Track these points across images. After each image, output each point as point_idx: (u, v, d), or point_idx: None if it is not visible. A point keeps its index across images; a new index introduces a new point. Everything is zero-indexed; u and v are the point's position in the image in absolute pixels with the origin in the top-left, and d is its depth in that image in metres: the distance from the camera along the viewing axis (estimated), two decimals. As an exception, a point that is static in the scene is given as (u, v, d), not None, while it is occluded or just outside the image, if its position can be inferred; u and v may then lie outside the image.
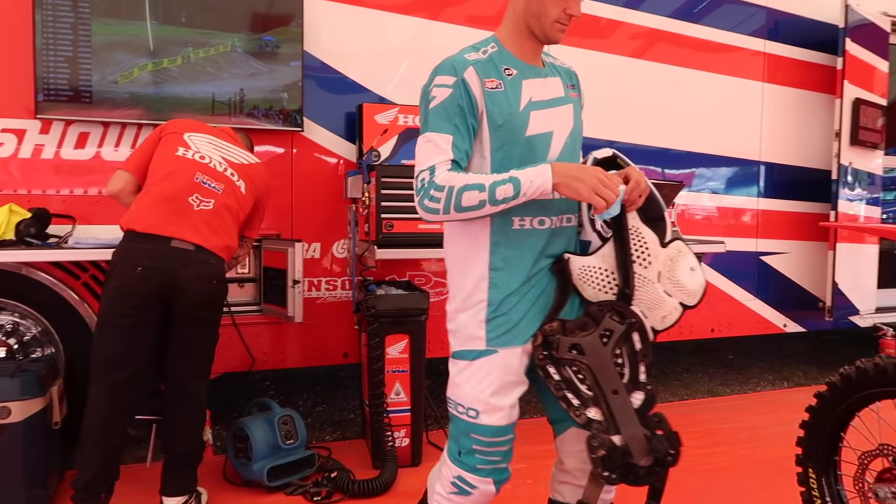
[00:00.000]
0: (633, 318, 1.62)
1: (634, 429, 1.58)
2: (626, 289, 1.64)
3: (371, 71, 3.56)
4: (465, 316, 1.67)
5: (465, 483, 1.68)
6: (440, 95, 1.59)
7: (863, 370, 1.96)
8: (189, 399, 2.50)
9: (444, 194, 1.53)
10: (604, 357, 1.60)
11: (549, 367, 1.62)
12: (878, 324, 4.68)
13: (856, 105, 4.48)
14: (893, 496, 1.86)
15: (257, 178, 2.70)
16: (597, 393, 1.60)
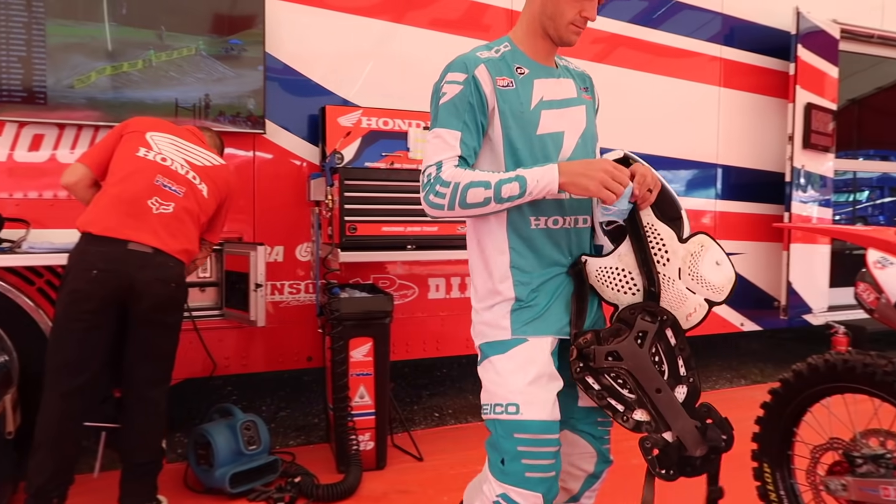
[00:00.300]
0: (664, 315, 1.60)
1: (684, 422, 1.56)
2: (652, 287, 1.61)
3: (334, 73, 3.55)
4: (489, 313, 1.65)
5: (510, 501, 1.55)
6: (450, 92, 1.58)
7: (814, 367, 2.02)
8: (147, 405, 2.45)
9: (449, 190, 1.52)
10: (642, 358, 1.58)
11: (588, 379, 1.59)
12: (831, 322, 4.82)
13: (807, 109, 4.62)
14: (843, 488, 1.92)
15: (220, 181, 2.66)
16: (640, 395, 1.58)
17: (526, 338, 1.60)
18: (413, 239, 3.21)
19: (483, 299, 1.67)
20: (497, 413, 1.58)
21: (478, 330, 1.69)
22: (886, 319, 1.82)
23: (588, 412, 1.74)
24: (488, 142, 1.62)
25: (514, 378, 1.57)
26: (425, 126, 3.52)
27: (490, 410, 1.60)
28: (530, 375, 1.57)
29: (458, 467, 3.13)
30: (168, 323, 2.47)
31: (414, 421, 3.92)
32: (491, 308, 1.65)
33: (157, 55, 3.12)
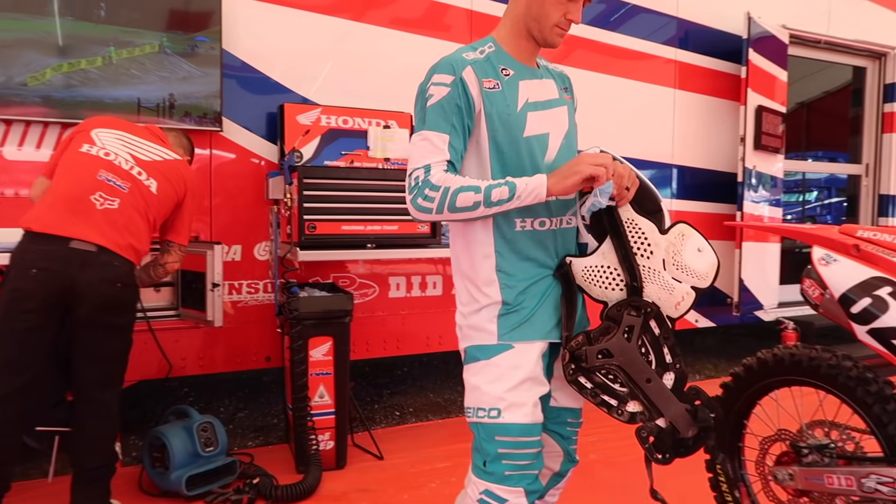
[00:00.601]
0: (647, 307, 1.64)
1: (676, 407, 1.62)
2: (634, 282, 1.64)
3: (293, 71, 3.52)
4: (475, 317, 1.65)
5: (493, 497, 1.59)
6: (438, 94, 1.56)
7: (763, 361, 2.09)
8: (96, 408, 2.38)
9: (438, 194, 1.52)
10: (631, 352, 1.62)
11: (581, 379, 1.63)
12: (781, 318, 4.97)
13: (758, 112, 4.75)
14: (790, 478, 1.98)
15: (175, 177, 2.59)
16: (631, 387, 1.62)
17: (512, 344, 1.61)
18: (373, 238, 3.20)
19: (468, 303, 1.67)
20: (480, 417, 1.61)
21: (464, 333, 1.69)
22: (830, 314, 1.89)
23: (559, 412, 1.77)
24: (474, 144, 1.62)
25: (498, 384, 1.59)
26: (385, 125, 3.52)
27: (473, 414, 1.63)
28: (514, 381, 1.59)
29: (418, 465, 3.14)
30: (116, 324, 2.39)
31: (374, 420, 3.91)
32: (477, 312, 1.64)
33: (118, 52, 3.04)
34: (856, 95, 5.96)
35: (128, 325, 2.46)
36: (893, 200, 5.68)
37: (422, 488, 2.88)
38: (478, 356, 1.63)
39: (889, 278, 1.75)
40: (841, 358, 1.89)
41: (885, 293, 1.74)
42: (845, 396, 1.88)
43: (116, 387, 2.46)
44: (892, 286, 1.74)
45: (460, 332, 1.71)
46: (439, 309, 3.89)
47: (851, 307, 1.79)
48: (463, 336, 1.70)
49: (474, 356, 1.65)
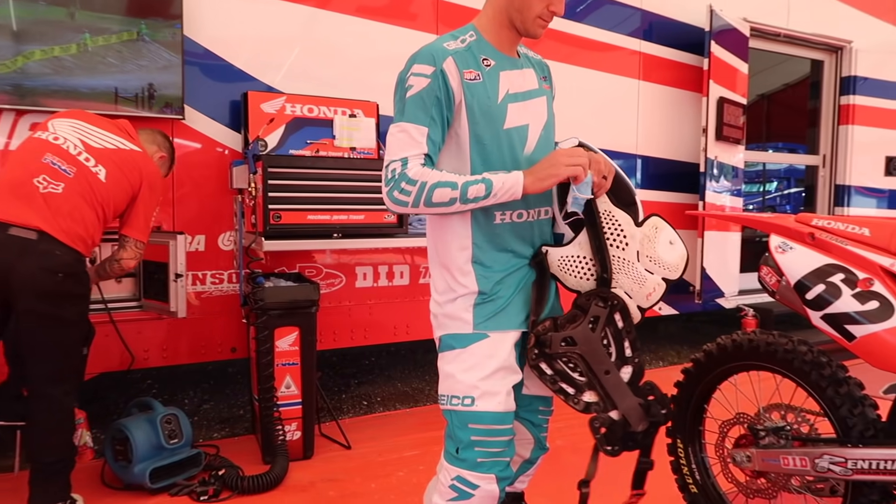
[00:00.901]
0: (614, 300, 1.66)
1: (629, 400, 1.66)
2: (604, 273, 1.67)
3: (258, 59, 3.46)
4: (451, 306, 1.65)
5: (465, 483, 1.60)
6: (417, 85, 1.54)
7: (723, 347, 2.14)
8: (47, 403, 2.31)
9: (415, 188, 1.51)
10: (594, 343, 1.65)
11: (542, 364, 1.66)
12: (741, 305, 5.10)
13: (720, 103, 4.83)
14: (748, 459, 2.04)
15: (129, 167, 2.49)
16: (590, 377, 1.65)
17: (487, 333, 1.62)
18: (339, 227, 3.18)
19: (444, 292, 1.67)
20: (453, 404, 1.62)
21: (439, 321, 1.70)
22: (786, 301, 1.94)
23: (531, 400, 1.79)
24: (454, 136, 1.60)
25: (472, 372, 1.60)
26: (351, 114, 3.49)
27: (447, 401, 1.64)
28: (488, 370, 1.60)
29: (386, 454, 3.15)
30: (59, 316, 2.29)
31: (342, 409, 3.91)
32: (453, 301, 1.65)
33: (94, 39, 2.95)
34: (814, 88, 6.11)
35: (73, 317, 2.36)
36: (849, 190, 5.85)
37: (390, 477, 2.89)
38: (453, 344, 1.64)
39: (842, 265, 1.81)
40: (797, 343, 1.95)
41: (839, 280, 1.79)
42: (800, 380, 1.94)
43: (69, 382, 2.38)
44: (845, 273, 1.79)
45: (435, 320, 1.71)
46: (406, 298, 3.90)
47: (806, 293, 1.84)
48: (438, 324, 1.70)
49: (449, 344, 1.65)
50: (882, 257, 1.76)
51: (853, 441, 1.81)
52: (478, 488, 1.59)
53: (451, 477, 1.62)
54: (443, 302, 1.68)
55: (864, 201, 5.92)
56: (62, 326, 2.32)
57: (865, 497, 1.82)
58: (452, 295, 1.65)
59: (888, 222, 1.82)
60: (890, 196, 6.00)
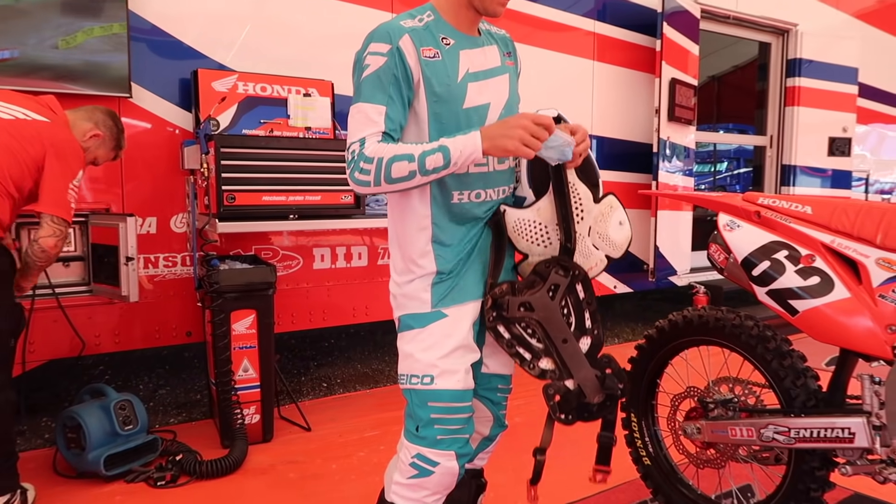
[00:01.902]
0: (576, 270, 1.67)
1: (586, 371, 1.66)
2: (567, 243, 1.68)
3: (208, 36, 3.37)
4: (410, 286, 1.66)
5: (425, 461, 1.62)
6: (374, 64, 1.51)
7: (674, 322, 2.20)
8: None
9: (373, 166, 1.48)
10: (552, 310, 1.65)
11: (500, 327, 1.66)
12: (693, 282, 5.22)
13: (672, 84, 4.91)
14: (698, 431, 2.11)
15: (28, 138, 2.28)
16: (547, 344, 1.66)
17: (445, 312, 1.63)
18: (295, 208, 3.15)
19: (403, 273, 1.68)
20: (413, 383, 1.63)
21: (398, 302, 1.70)
22: (734, 277, 2.00)
23: (490, 379, 1.80)
24: (413, 115, 1.59)
25: (431, 351, 1.61)
26: (305, 93, 3.44)
27: (406, 380, 1.64)
28: (447, 349, 1.61)
29: (346, 435, 3.16)
30: None
31: (302, 392, 3.90)
32: (411, 282, 1.66)
33: None
34: (761, 70, 6.25)
35: None
36: (794, 170, 6.03)
37: (350, 457, 2.91)
38: (411, 324, 1.65)
39: (786, 242, 1.87)
40: (744, 318, 2.01)
41: (783, 256, 1.85)
42: (747, 354, 2.01)
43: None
44: (789, 250, 1.86)
45: (394, 300, 1.72)
46: (365, 279, 3.89)
47: (752, 270, 1.90)
48: (397, 305, 1.71)
49: (408, 324, 1.66)
50: (823, 234, 1.83)
51: (796, 411, 1.89)
52: (438, 465, 1.61)
53: (411, 455, 1.63)
54: (402, 283, 1.68)
55: (808, 181, 6.12)
56: None
57: (807, 464, 1.91)
58: (411, 276, 1.66)
59: (829, 201, 1.89)
60: (833, 176, 6.21)
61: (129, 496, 2.55)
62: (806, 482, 1.91)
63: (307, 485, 2.66)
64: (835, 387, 1.92)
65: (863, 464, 1.82)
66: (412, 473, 1.63)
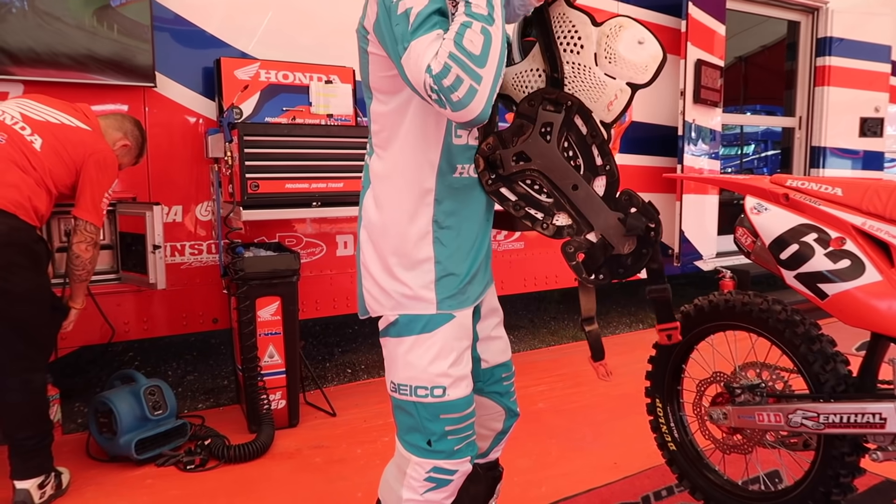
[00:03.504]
0: (568, 100, 1.41)
1: (606, 216, 1.42)
2: (554, 73, 1.43)
3: (230, 24, 3.39)
4: (406, 274, 1.44)
5: (442, 472, 1.47)
6: (416, 4, 1.24)
7: (700, 308, 2.18)
8: (13, 379, 2.27)
9: (455, 68, 1.19)
10: (551, 155, 1.41)
11: (502, 190, 1.44)
12: (718, 267, 5.17)
13: (698, 66, 4.83)
14: (724, 417, 2.09)
15: (70, 142, 2.41)
16: (557, 196, 1.43)
17: (453, 314, 1.45)
18: (318, 196, 3.16)
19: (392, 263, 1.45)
20: (420, 396, 1.45)
21: (393, 300, 1.45)
22: (762, 261, 1.97)
23: (492, 372, 1.69)
24: None
25: (441, 361, 1.44)
26: (327, 80, 3.44)
27: (410, 392, 1.45)
28: (456, 353, 1.46)
29: (371, 420, 3.18)
30: (5, 290, 2.20)
31: (326, 378, 3.93)
32: (407, 270, 1.44)
33: None
34: (790, 49, 6.12)
35: (22, 292, 2.25)
36: (824, 152, 5.91)
37: (375, 442, 2.93)
38: (411, 328, 1.44)
39: (815, 225, 1.84)
40: (771, 302, 1.98)
41: (812, 239, 1.82)
42: (775, 339, 1.98)
43: (28, 359, 2.32)
44: (818, 232, 1.82)
45: (377, 297, 1.48)
46: (388, 266, 3.89)
47: (780, 253, 1.87)
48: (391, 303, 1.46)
49: (406, 328, 1.45)
50: (854, 216, 1.79)
51: (825, 396, 1.86)
52: (456, 473, 1.49)
53: (425, 470, 1.47)
54: (389, 276, 1.45)
55: (839, 163, 5.99)
56: (10, 301, 2.22)
57: (837, 450, 1.88)
58: (404, 262, 1.44)
59: (860, 182, 1.84)
60: (864, 157, 6.07)
61: (159, 479, 2.60)
62: (835, 468, 1.89)
63: (333, 469, 2.69)
64: (865, 371, 1.89)
65: (894, 449, 1.79)
66: (428, 487, 1.49)
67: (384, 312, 1.48)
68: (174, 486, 2.55)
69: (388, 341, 1.49)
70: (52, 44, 2.89)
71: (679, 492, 2.38)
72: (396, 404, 1.51)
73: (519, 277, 4.53)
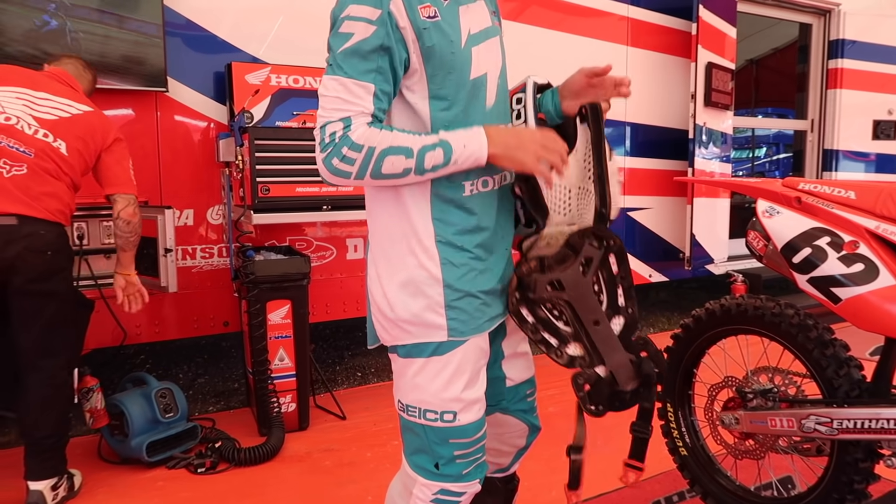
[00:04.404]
0: (610, 240, 1.44)
1: (619, 356, 1.44)
2: (602, 208, 1.45)
3: (241, 29, 3.41)
4: (415, 300, 1.35)
5: (450, 494, 1.43)
6: (359, 33, 1.23)
7: (711, 311, 2.16)
8: (40, 375, 2.33)
9: (360, 156, 1.22)
10: (584, 288, 1.44)
11: (523, 310, 1.45)
12: (730, 271, 5.13)
13: (708, 69, 4.81)
14: (736, 422, 2.08)
15: (84, 130, 2.44)
16: (576, 327, 1.44)
17: (465, 339, 1.37)
18: (329, 199, 3.17)
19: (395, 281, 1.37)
20: (429, 420, 1.39)
21: (399, 328, 1.37)
22: (774, 265, 1.96)
23: (517, 390, 1.64)
24: (407, 95, 1.31)
25: (453, 386, 1.37)
26: (338, 84, 3.44)
27: (419, 415, 1.40)
28: (466, 377, 1.39)
29: (381, 423, 3.18)
30: (53, 291, 2.34)
31: (336, 381, 3.94)
32: (413, 296, 1.35)
33: None
34: (802, 52, 6.08)
35: (64, 291, 2.40)
36: (837, 155, 5.86)
37: (385, 446, 2.93)
38: (423, 349, 1.37)
39: (828, 228, 1.82)
40: (784, 306, 1.97)
41: (824, 243, 1.81)
42: (787, 343, 1.96)
43: (60, 356, 2.40)
44: (831, 236, 1.81)
45: (392, 327, 1.39)
46: (398, 270, 3.89)
47: (793, 257, 1.86)
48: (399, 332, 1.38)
49: (417, 349, 1.38)
50: (867, 220, 1.78)
51: (839, 401, 1.84)
52: (463, 495, 1.45)
53: (432, 492, 1.43)
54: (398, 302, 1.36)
55: (851, 166, 5.94)
56: (55, 301, 2.35)
57: (851, 455, 1.86)
58: (409, 287, 1.35)
59: (874, 185, 1.83)
60: (877, 160, 6.02)
61: (170, 482, 2.61)
62: (849, 474, 1.87)
63: (342, 472, 2.70)
64: (880, 376, 1.87)
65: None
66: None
67: (395, 343, 1.42)
68: (185, 489, 2.56)
69: (397, 359, 1.43)
70: (66, 49, 2.91)
71: (690, 497, 2.36)
72: (404, 424, 1.46)
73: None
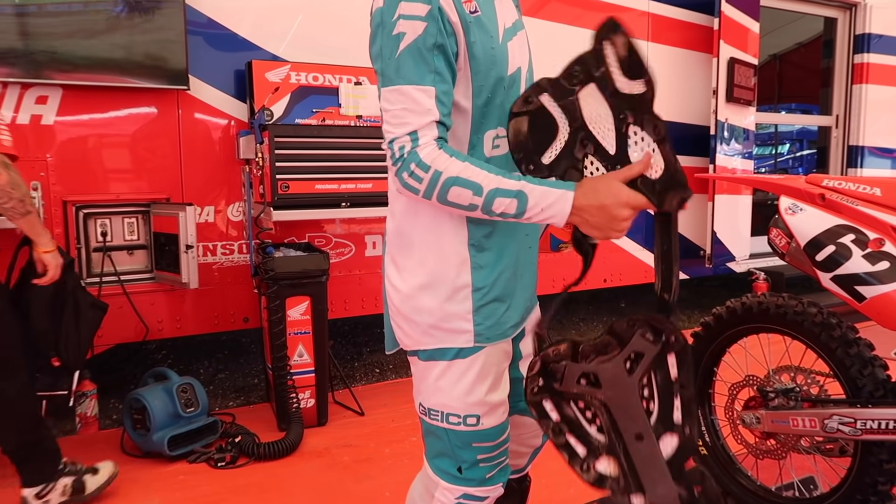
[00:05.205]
0: (673, 336, 1.12)
1: (664, 487, 1.12)
2: (665, 293, 1.18)
3: (261, 27, 3.43)
4: (441, 303, 1.29)
5: (473, 499, 1.39)
6: (411, 31, 1.16)
7: (732, 310, 2.14)
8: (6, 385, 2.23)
9: (427, 176, 1.15)
10: (628, 390, 1.14)
11: (546, 403, 1.20)
12: (752, 268, 5.07)
13: (731, 64, 4.75)
14: (757, 421, 2.06)
15: None
16: (612, 438, 1.15)
17: (489, 344, 1.33)
18: (348, 196, 3.18)
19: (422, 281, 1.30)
20: (452, 423, 1.34)
21: (422, 334, 1.31)
22: (796, 262, 1.94)
23: None
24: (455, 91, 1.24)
25: (477, 389, 1.32)
26: (356, 81, 3.46)
27: (442, 419, 1.34)
28: (491, 379, 1.34)
29: (399, 420, 3.19)
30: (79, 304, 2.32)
31: (355, 377, 3.96)
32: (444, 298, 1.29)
33: None
34: (827, 46, 5.98)
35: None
36: (862, 151, 5.77)
37: (403, 442, 2.94)
38: (445, 353, 1.32)
39: (853, 226, 1.80)
40: (806, 305, 1.94)
41: (849, 241, 1.78)
42: (810, 342, 1.94)
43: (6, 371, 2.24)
44: (856, 233, 1.78)
45: (414, 330, 1.33)
46: (416, 267, 3.90)
47: (816, 255, 1.83)
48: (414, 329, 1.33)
49: (440, 352, 1.32)
50: (893, 217, 1.75)
51: (862, 401, 1.82)
52: (486, 499, 1.41)
53: (454, 497, 1.39)
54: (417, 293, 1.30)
55: (877, 162, 5.84)
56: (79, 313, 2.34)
57: (875, 456, 1.84)
58: (439, 289, 1.29)
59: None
60: (904, 156, 5.92)
61: (191, 475, 2.64)
62: (873, 475, 1.84)
63: (361, 468, 2.71)
64: (905, 377, 1.84)
65: (935, 457, 1.74)
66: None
67: (417, 348, 1.35)
68: (205, 483, 2.59)
69: (417, 362, 1.37)
70: (89, 48, 2.95)
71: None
72: (426, 427, 1.41)
73: (548, 279, 4.50)
